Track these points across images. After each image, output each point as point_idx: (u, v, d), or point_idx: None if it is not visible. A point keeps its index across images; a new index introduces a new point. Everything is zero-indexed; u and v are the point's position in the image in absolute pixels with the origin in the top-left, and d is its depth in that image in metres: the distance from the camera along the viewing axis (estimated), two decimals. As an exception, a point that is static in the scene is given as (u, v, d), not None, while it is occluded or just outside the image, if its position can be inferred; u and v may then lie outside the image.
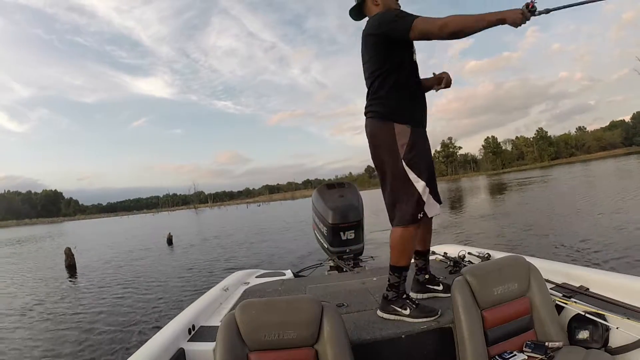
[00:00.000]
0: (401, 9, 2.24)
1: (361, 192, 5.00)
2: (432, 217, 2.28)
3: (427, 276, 2.53)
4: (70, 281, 11.35)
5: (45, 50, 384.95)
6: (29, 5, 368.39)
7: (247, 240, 19.76)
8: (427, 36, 2.01)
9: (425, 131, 2.29)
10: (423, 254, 2.53)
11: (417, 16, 2.01)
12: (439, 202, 2.26)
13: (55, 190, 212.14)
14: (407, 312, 2.15)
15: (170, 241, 20.23)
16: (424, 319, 2.06)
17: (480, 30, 1.92)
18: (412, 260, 2.36)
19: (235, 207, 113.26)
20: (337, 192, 4.82)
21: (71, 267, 13.34)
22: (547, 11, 1.88)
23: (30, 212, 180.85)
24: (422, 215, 2.14)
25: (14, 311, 8.28)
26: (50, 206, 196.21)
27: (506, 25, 1.85)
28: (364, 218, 4.66)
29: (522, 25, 1.88)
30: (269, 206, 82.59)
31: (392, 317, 2.20)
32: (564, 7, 1.93)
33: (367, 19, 2.35)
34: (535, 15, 1.87)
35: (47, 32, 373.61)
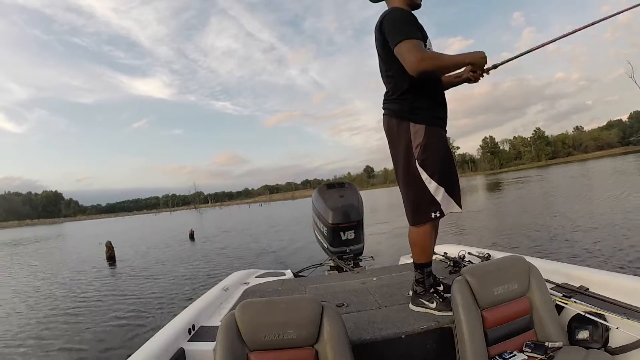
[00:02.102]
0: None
1: (361, 192, 4.99)
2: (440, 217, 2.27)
3: (432, 289, 2.51)
4: (111, 269, 13.50)
5: (43, 50, 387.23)
6: (26, 5, 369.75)
7: (266, 231, 21.89)
8: (403, 61, 2.02)
9: (444, 131, 2.24)
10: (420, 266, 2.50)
11: (412, 37, 2.01)
12: (458, 202, 2.23)
13: (56, 191, 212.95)
14: (434, 305, 2.18)
15: (192, 236, 21.91)
16: (449, 313, 2.04)
17: (452, 70, 2.11)
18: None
19: (238, 207, 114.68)
20: (337, 192, 4.80)
21: (111, 258, 15.29)
22: (495, 67, 2.17)
23: (31, 213, 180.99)
24: (437, 215, 2.14)
25: (77, 288, 10.50)
26: (51, 207, 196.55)
27: (507, 24, 1.92)
28: (364, 218, 4.65)
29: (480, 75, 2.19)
30: (271, 206, 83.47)
31: (420, 309, 2.24)
32: (507, 61, 2.23)
33: (383, 3, 2.34)
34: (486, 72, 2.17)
35: (45, 33, 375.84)
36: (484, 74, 2.16)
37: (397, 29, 2.04)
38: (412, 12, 2.27)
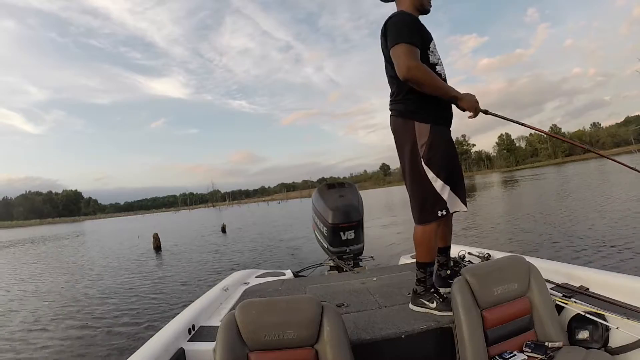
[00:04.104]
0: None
1: (377, 190, 5.01)
2: (452, 214, 2.33)
3: (448, 272, 2.56)
4: (157, 256, 16.02)
5: (59, 53, 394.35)
6: (42, 9, 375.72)
7: (290, 223, 24.36)
8: (396, 64, 2.08)
9: (448, 130, 2.28)
10: (444, 250, 2.56)
11: (409, 43, 2.05)
12: (464, 200, 2.28)
13: (76, 190, 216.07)
14: (434, 305, 2.19)
15: (224, 229, 24.48)
16: (449, 313, 2.06)
17: (435, 94, 2.10)
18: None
19: (256, 204, 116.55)
20: (337, 192, 4.83)
21: (157, 248, 18.01)
22: (486, 112, 2.21)
23: (52, 212, 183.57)
24: (444, 213, 2.17)
25: (145, 267, 13.23)
26: (71, 206, 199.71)
27: (517, 22, 1.89)
28: (363, 218, 4.67)
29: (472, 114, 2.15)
30: (288, 203, 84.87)
31: (421, 309, 2.25)
32: (500, 116, 2.28)
33: (394, 4, 2.38)
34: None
35: (61, 35, 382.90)
36: (475, 113, 2.16)
37: (397, 32, 2.09)
38: (421, 16, 2.33)
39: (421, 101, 2.15)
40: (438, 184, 2.14)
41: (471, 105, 2.09)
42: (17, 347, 5.96)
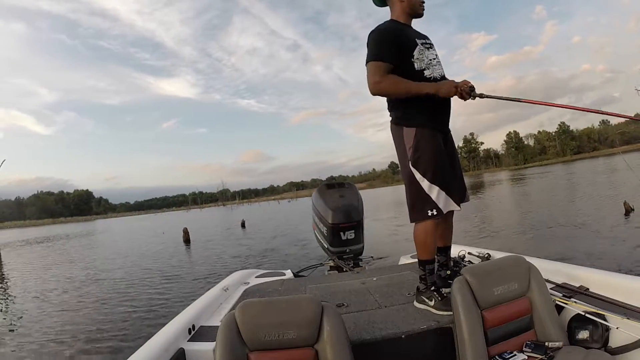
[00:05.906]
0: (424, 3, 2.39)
1: (386, 188, 4.98)
2: (451, 215, 2.43)
3: (448, 272, 2.57)
4: (187, 247, 17.81)
5: (69, 54, 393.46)
6: (51, 11, 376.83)
7: (303, 220, 24.15)
8: (367, 80, 2.21)
9: (437, 132, 2.30)
10: (444, 250, 2.58)
11: (378, 60, 2.18)
12: (458, 198, 2.30)
13: (87, 189, 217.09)
14: (432, 303, 2.23)
15: (243, 225, 26.06)
16: (447, 312, 2.09)
17: (411, 97, 2.18)
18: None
19: (267, 203, 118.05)
20: (337, 192, 4.83)
21: (187, 241, 19.63)
22: (482, 96, 2.16)
23: (63, 211, 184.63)
24: (434, 212, 2.20)
25: (173, 256, 15.02)
26: (82, 205, 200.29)
27: (525, 19, 1.90)
28: (364, 218, 4.67)
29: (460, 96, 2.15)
30: (298, 202, 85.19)
31: (422, 307, 2.30)
32: (497, 97, 2.21)
33: (387, 8, 2.45)
34: (471, 97, 2.15)
35: (70, 37, 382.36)
36: (469, 98, 2.17)
37: (369, 50, 2.24)
38: (413, 19, 2.41)
39: (407, 108, 2.26)
40: (425, 184, 2.20)
41: (449, 90, 2.13)
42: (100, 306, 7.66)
